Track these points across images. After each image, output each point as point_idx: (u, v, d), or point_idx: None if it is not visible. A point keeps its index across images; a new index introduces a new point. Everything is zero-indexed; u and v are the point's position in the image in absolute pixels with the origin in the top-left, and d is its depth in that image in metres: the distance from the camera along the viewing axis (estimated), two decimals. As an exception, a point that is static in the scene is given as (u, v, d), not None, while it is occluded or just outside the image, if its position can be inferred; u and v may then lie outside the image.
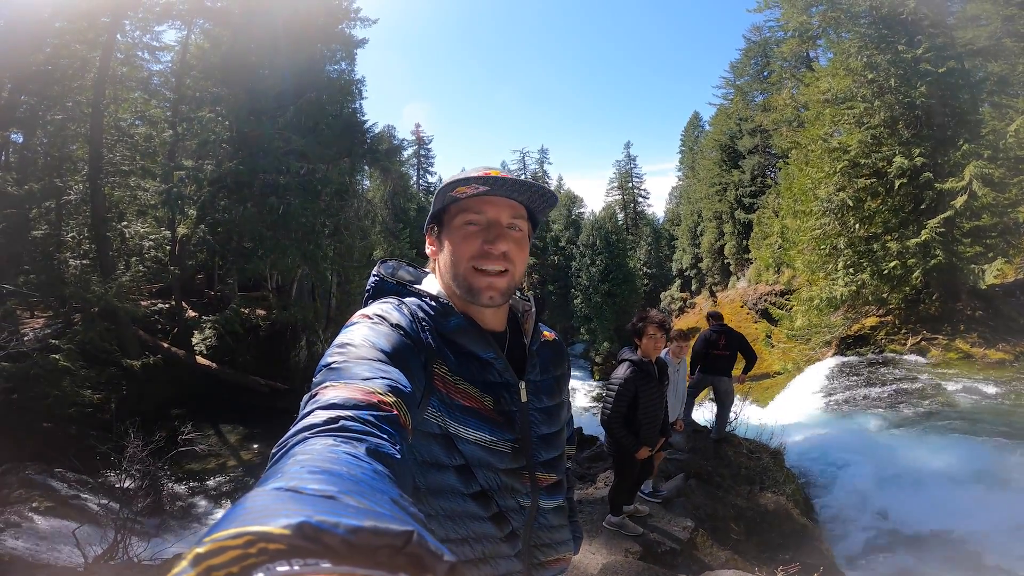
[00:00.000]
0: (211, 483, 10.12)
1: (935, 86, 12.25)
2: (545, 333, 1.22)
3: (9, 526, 6.44)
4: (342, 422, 0.60)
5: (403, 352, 0.86)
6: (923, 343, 12.42)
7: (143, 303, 14.20)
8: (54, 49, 12.79)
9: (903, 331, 13.19)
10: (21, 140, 13.96)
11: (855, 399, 10.68)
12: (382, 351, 0.82)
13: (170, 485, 9.32)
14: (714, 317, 6.36)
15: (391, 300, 1.00)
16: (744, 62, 32.95)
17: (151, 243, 15.69)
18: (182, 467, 9.76)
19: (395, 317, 0.93)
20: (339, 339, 0.85)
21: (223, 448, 11.67)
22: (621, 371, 3.76)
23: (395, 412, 0.67)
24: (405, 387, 0.75)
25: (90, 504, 7.75)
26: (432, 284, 1.09)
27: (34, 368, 9.97)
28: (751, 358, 6.31)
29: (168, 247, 15.70)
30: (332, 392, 0.68)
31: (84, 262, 13.45)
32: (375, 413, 0.64)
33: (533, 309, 1.19)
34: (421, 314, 0.99)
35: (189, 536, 7.91)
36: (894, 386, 10.59)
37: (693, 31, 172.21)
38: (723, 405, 6.32)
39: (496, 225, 1.01)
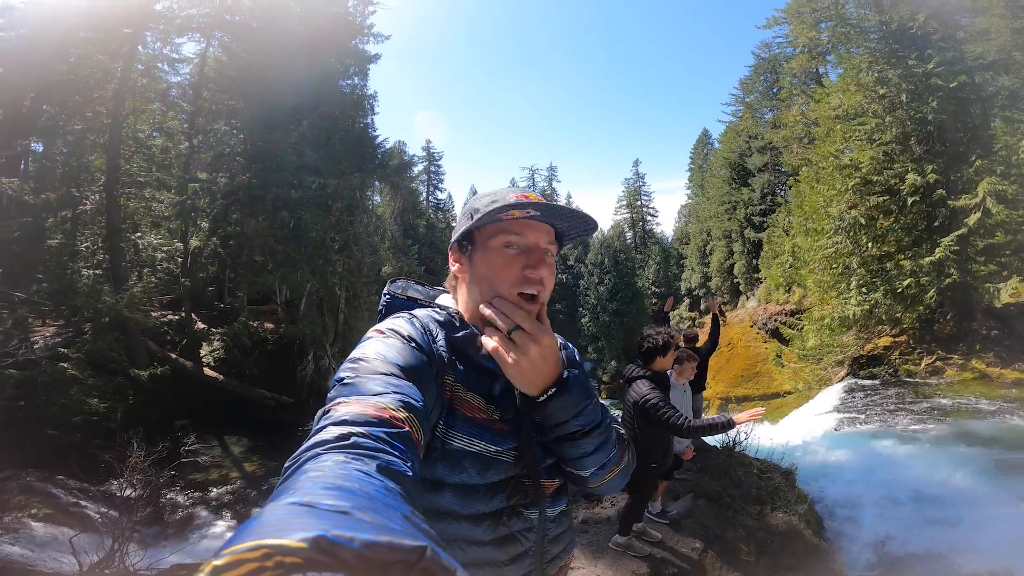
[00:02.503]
0: (213, 494, 10.04)
1: (946, 101, 12.19)
2: None
3: (7, 532, 6.42)
4: (354, 439, 0.61)
5: (416, 365, 0.87)
6: (938, 363, 12.19)
7: (153, 314, 14.27)
8: (77, 59, 12.93)
9: (917, 351, 12.97)
10: (41, 149, 14.15)
11: (869, 419, 10.46)
12: (395, 365, 0.83)
13: (172, 495, 9.26)
14: (689, 340, 6.38)
15: (403, 315, 1.01)
16: (753, 79, 33.03)
17: (164, 255, 15.79)
18: (185, 477, 9.71)
19: (407, 330, 0.93)
20: (352, 354, 0.85)
21: (226, 460, 11.61)
22: (643, 388, 3.57)
23: (407, 428, 0.68)
24: (417, 401, 0.75)
25: (90, 512, 7.70)
26: (447, 301, 1.09)
27: (42, 376, 10.02)
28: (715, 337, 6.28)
29: (180, 259, 15.81)
30: (344, 408, 0.69)
31: (97, 272, 13.52)
32: (387, 430, 0.65)
33: None
34: (433, 326, 0.98)
35: (187, 546, 7.83)
36: (908, 407, 10.38)
37: (702, 48, 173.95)
38: None
39: (537, 250, 1.01)
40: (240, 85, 15.56)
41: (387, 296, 1.11)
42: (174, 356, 14.01)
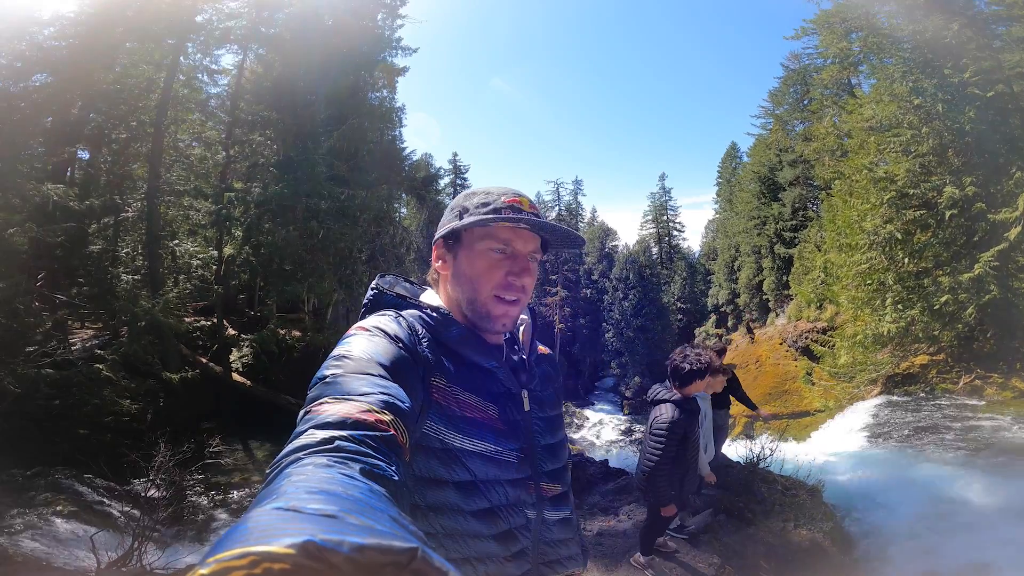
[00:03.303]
0: (234, 496, 10.18)
1: (984, 111, 11.77)
2: (540, 348, 1.22)
3: (29, 527, 6.58)
4: (337, 442, 0.60)
5: (401, 365, 0.85)
6: (977, 382, 11.69)
7: (187, 319, 14.70)
8: (124, 69, 13.41)
9: (956, 369, 12.45)
10: (87, 157, 14.66)
11: (902, 438, 10.05)
12: (380, 364, 0.81)
13: (193, 496, 9.43)
14: (720, 353, 6.28)
15: (389, 312, 1.00)
16: (783, 90, 32.09)
17: (199, 262, 16.27)
18: (208, 480, 9.89)
19: (393, 329, 0.92)
20: (336, 351, 0.84)
21: (249, 463, 11.80)
22: (667, 413, 3.44)
23: (391, 431, 0.67)
24: (403, 402, 0.74)
25: (113, 511, 7.88)
26: (432, 298, 1.08)
27: (77, 376, 10.35)
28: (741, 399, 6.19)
29: (214, 266, 16.27)
30: (328, 409, 0.68)
31: (135, 277, 13.99)
32: (370, 433, 0.64)
33: (529, 322, 1.19)
34: (419, 326, 0.98)
35: (204, 548, 7.92)
36: (945, 426, 9.93)
37: (730, 60, 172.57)
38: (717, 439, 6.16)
39: (522, 258, 1.01)
40: (275, 96, 16.00)
41: (374, 291, 1.09)
42: (205, 361, 14.37)
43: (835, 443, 10.93)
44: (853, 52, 15.26)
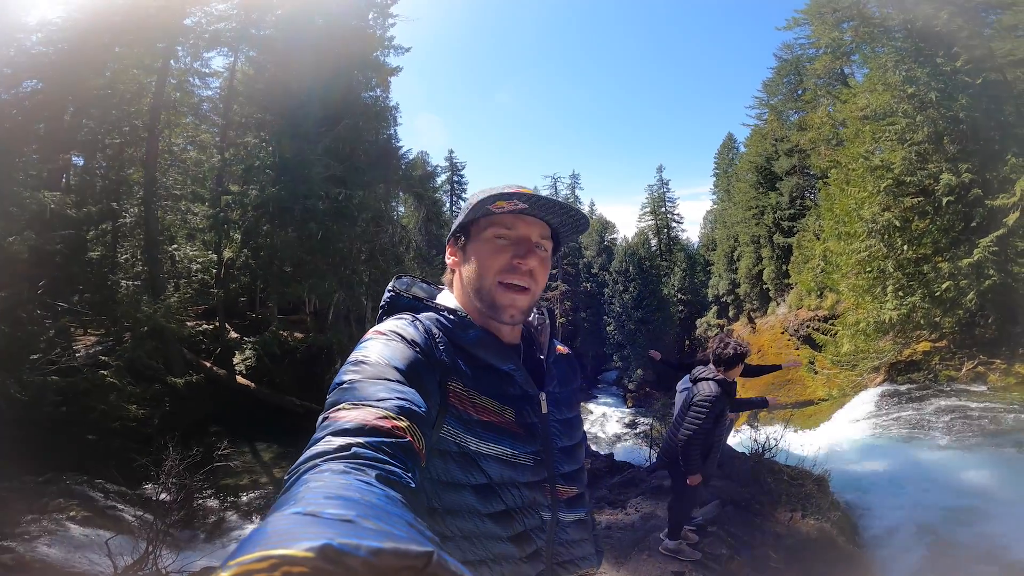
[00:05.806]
0: (243, 498, 10.25)
1: (978, 98, 11.77)
2: (559, 347, 1.22)
3: (45, 533, 6.62)
4: (354, 449, 0.61)
5: (418, 369, 0.86)
6: (980, 368, 11.69)
7: (189, 323, 14.68)
8: (114, 74, 13.26)
9: (958, 356, 12.45)
10: (82, 163, 14.57)
11: (907, 426, 10.08)
12: (396, 369, 0.82)
13: (204, 499, 9.47)
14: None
15: (405, 316, 1.01)
16: (776, 81, 31.88)
17: (198, 266, 16.24)
18: (217, 482, 9.93)
19: (410, 333, 0.93)
20: (353, 356, 0.85)
21: (257, 465, 11.85)
22: (712, 389, 3.68)
23: (408, 438, 0.68)
24: (419, 407, 0.75)
25: (126, 515, 7.92)
26: (448, 299, 1.09)
27: (83, 383, 10.34)
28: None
29: (214, 270, 16.24)
30: (345, 415, 0.68)
31: (136, 283, 13.96)
32: (387, 440, 0.65)
33: (547, 322, 1.19)
34: (436, 329, 0.98)
35: (217, 550, 7.99)
36: (949, 413, 9.96)
37: (724, 51, 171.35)
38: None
39: (526, 241, 1.02)
40: (268, 98, 15.89)
41: (390, 293, 1.09)
42: (208, 364, 14.39)
43: (840, 432, 10.97)
44: (845, 42, 15.25)
